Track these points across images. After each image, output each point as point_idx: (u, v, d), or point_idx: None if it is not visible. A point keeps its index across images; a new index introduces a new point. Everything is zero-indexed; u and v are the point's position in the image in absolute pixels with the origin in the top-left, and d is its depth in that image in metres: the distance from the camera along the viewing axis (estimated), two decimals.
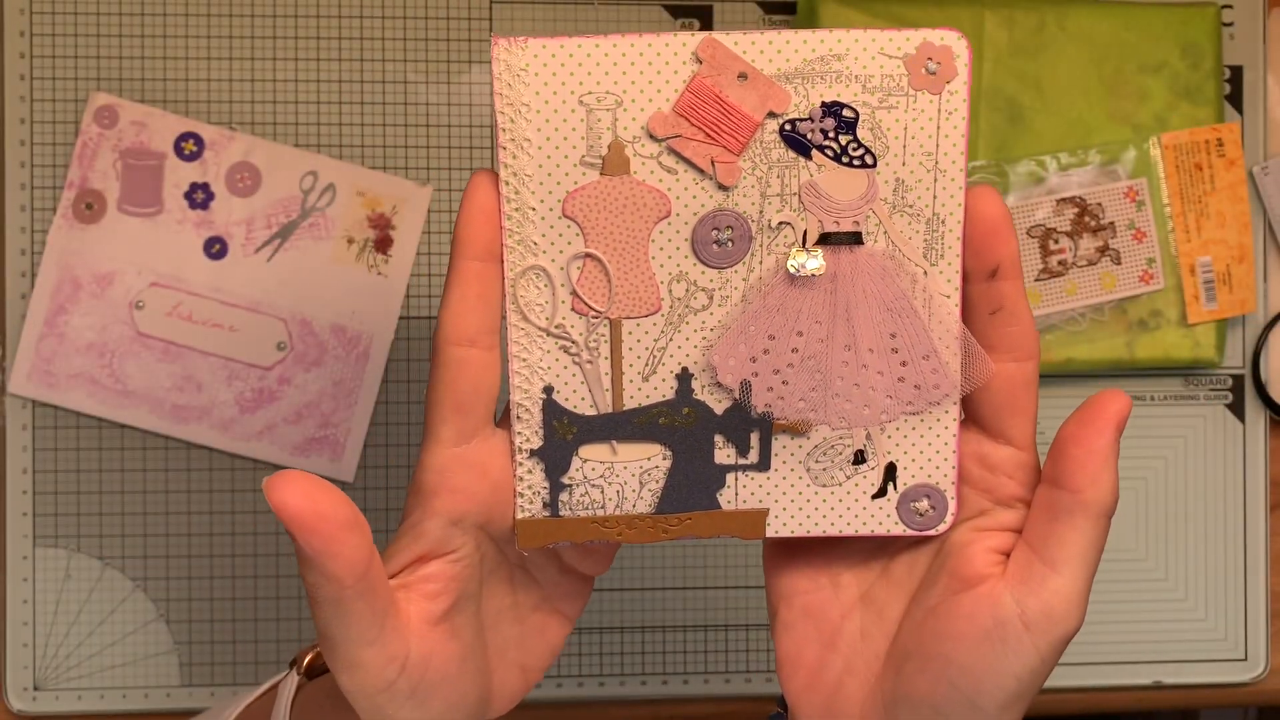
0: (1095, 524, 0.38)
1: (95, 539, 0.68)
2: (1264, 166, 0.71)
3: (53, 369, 0.67)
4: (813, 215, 0.38)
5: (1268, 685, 0.72)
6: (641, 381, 0.40)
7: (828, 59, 0.37)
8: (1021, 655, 0.38)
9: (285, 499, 0.36)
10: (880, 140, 0.38)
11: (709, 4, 0.70)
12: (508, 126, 0.37)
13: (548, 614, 0.44)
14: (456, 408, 0.38)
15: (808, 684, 0.42)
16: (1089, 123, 0.68)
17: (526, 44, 0.37)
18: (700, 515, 0.41)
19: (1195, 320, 0.69)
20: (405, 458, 0.69)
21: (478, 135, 0.69)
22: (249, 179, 0.68)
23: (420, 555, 0.40)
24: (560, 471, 0.40)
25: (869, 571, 0.43)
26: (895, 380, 0.40)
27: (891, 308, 0.39)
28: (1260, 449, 0.72)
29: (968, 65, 0.38)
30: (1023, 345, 0.39)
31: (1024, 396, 0.40)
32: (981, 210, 0.38)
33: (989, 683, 0.39)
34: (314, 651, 0.46)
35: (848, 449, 0.41)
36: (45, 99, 0.68)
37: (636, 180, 0.38)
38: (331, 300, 0.68)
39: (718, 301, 0.39)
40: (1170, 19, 0.69)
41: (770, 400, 0.40)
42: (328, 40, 0.69)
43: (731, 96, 0.38)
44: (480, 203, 0.38)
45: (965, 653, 0.39)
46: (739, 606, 0.71)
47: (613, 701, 0.70)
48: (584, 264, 0.39)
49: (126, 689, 0.68)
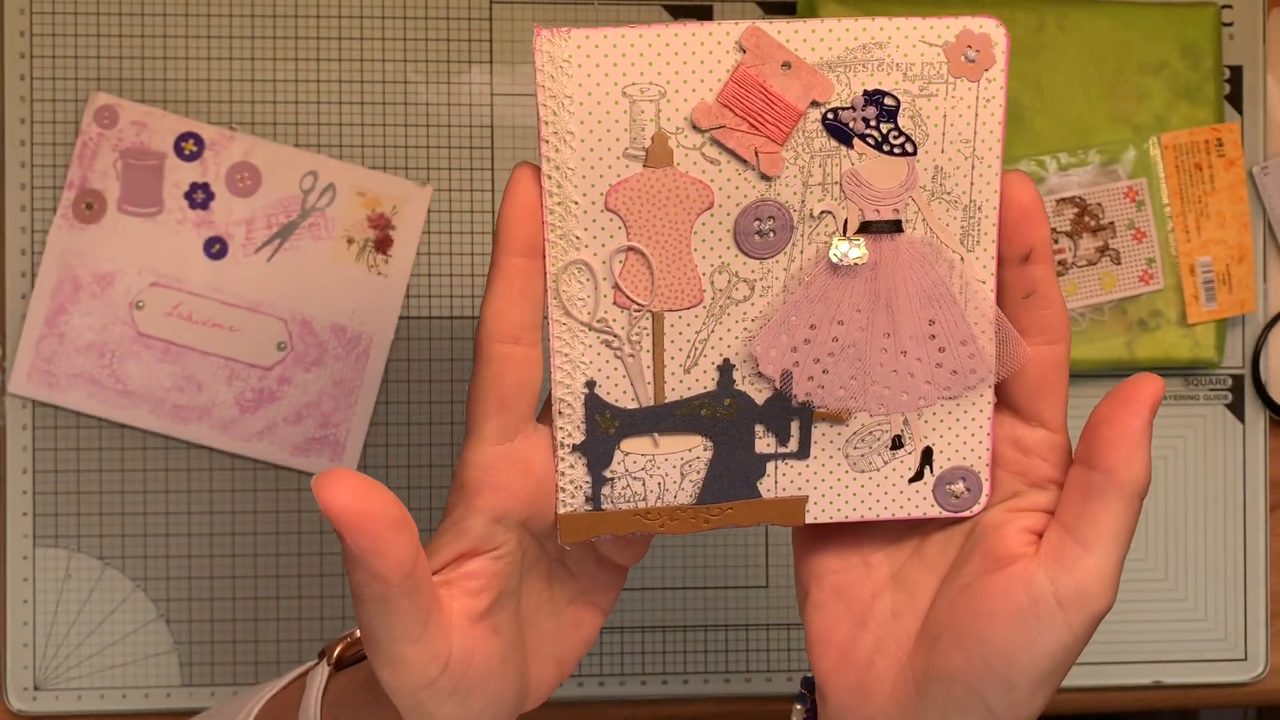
0: (1128, 504, 0.39)
1: (95, 539, 0.68)
2: (1264, 166, 0.71)
3: (53, 369, 0.67)
4: (854, 204, 0.39)
5: (1268, 685, 0.72)
6: (683, 374, 0.40)
7: (869, 47, 0.37)
8: (1056, 633, 0.39)
9: (334, 497, 0.35)
10: (920, 128, 0.38)
11: (709, 4, 0.70)
12: (550, 119, 0.37)
13: (583, 606, 0.44)
14: (500, 404, 0.38)
15: (838, 663, 0.43)
16: (1089, 123, 0.68)
17: (569, 35, 0.37)
18: (741, 505, 0.41)
19: (1195, 320, 0.69)
20: (405, 458, 0.69)
21: (478, 135, 0.69)
22: (249, 179, 0.68)
23: (463, 552, 0.40)
24: (602, 465, 0.40)
25: (900, 551, 0.43)
26: (933, 366, 0.40)
27: (930, 295, 0.39)
28: (1260, 449, 0.72)
29: (1006, 53, 0.38)
30: (1055, 328, 0.40)
31: (1056, 379, 0.40)
32: (1015, 195, 0.39)
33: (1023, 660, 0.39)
34: (343, 643, 0.47)
35: (885, 435, 0.41)
36: (45, 99, 0.68)
37: (679, 172, 0.38)
38: (331, 300, 0.68)
39: (759, 292, 0.39)
40: (1170, 19, 0.69)
41: (811, 389, 0.40)
42: (328, 40, 0.69)
43: (775, 86, 0.37)
44: (523, 198, 0.38)
45: (999, 630, 0.39)
46: (739, 606, 0.71)
47: (613, 701, 0.70)
48: (626, 257, 0.38)
49: (126, 689, 0.68)
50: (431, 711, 0.39)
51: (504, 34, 0.69)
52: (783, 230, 0.39)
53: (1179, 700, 0.73)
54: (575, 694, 0.70)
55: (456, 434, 0.69)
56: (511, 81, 0.70)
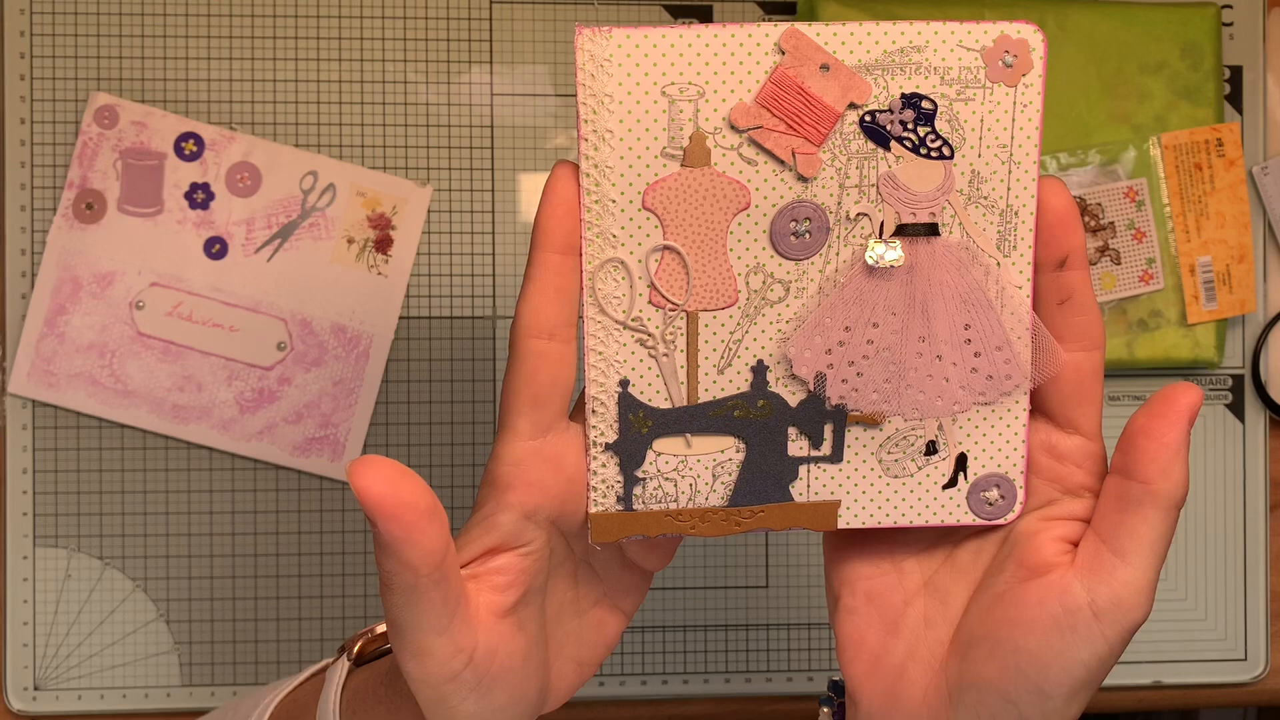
0: (1165, 516, 0.39)
1: (95, 539, 0.68)
2: (1264, 166, 0.71)
3: (53, 369, 0.67)
4: (890, 206, 0.39)
5: (1267, 685, 0.72)
6: (717, 374, 0.40)
7: (907, 50, 0.38)
8: (1091, 644, 0.39)
9: (369, 485, 0.35)
10: (957, 132, 0.38)
11: (709, 4, 0.70)
12: (590, 118, 0.37)
13: (607, 609, 0.44)
14: (534, 400, 0.38)
15: (870, 669, 0.43)
16: (1089, 123, 0.68)
17: (610, 34, 0.37)
18: (773, 508, 0.41)
19: (1195, 320, 0.69)
20: (405, 458, 0.69)
21: (478, 135, 0.69)
22: (249, 179, 0.68)
23: (491, 547, 0.40)
24: (634, 465, 0.40)
25: (933, 558, 0.43)
26: (968, 371, 0.40)
27: (966, 299, 0.39)
28: (1260, 449, 0.72)
29: (1043, 58, 0.38)
30: (1090, 334, 0.40)
31: (1091, 385, 0.40)
32: (1050, 201, 0.39)
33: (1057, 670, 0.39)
34: (364, 639, 0.47)
35: (919, 440, 0.41)
36: (45, 99, 0.68)
37: (717, 172, 0.38)
38: (331, 300, 0.68)
39: (794, 294, 0.39)
40: (1170, 19, 0.69)
41: (845, 392, 0.40)
42: (328, 40, 0.69)
43: (814, 88, 0.38)
44: (562, 195, 0.38)
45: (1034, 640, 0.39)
46: (739, 606, 0.71)
47: (613, 701, 0.70)
48: (662, 256, 0.39)
49: (126, 689, 0.68)
50: (454, 706, 0.39)
51: (504, 34, 0.69)
52: (819, 232, 0.39)
53: (1179, 700, 0.73)
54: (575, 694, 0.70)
55: (457, 434, 0.69)
56: (511, 81, 0.70)
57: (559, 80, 0.70)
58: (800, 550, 0.71)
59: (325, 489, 0.69)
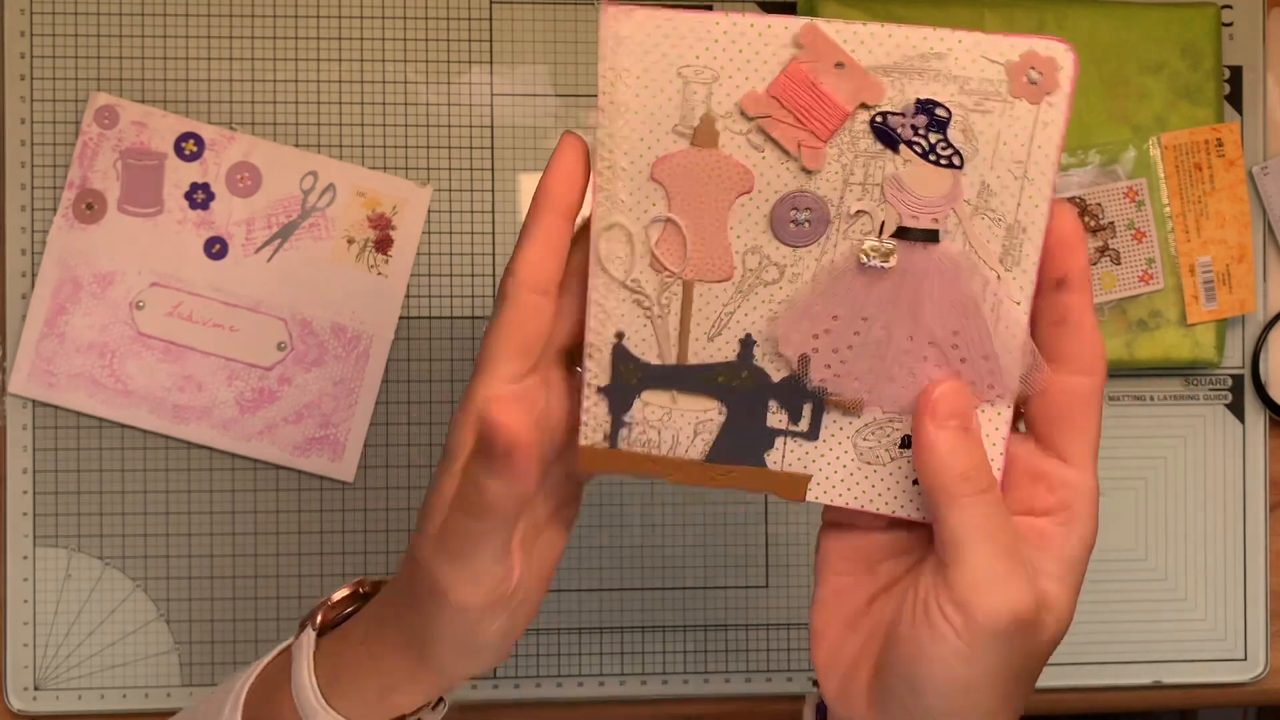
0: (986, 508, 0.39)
1: (95, 539, 0.68)
2: (1264, 166, 0.71)
3: (53, 369, 0.67)
4: (892, 208, 0.39)
5: (1267, 685, 0.72)
6: (706, 341, 0.41)
7: (929, 57, 0.38)
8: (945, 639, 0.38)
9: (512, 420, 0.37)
10: (971, 142, 0.38)
11: (708, 4, 0.70)
12: (607, 90, 0.39)
13: (557, 524, 0.45)
14: (520, 348, 0.41)
15: (829, 660, 0.44)
16: (1089, 123, 0.68)
17: (633, 12, 0.38)
18: (746, 469, 0.42)
19: (1195, 320, 0.69)
20: (405, 458, 0.69)
21: (478, 135, 0.69)
22: (249, 179, 0.68)
23: None
24: (623, 409, 0.42)
25: (901, 563, 0.44)
26: (951, 375, 0.40)
27: (959, 306, 0.40)
28: (1260, 449, 0.72)
29: (1071, 79, 0.38)
30: (1085, 359, 0.39)
31: (1082, 413, 0.40)
32: (1055, 222, 0.39)
33: (922, 669, 0.39)
34: (323, 608, 0.48)
35: (896, 432, 0.42)
36: (45, 99, 0.68)
37: (723, 154, 0.39)
38: (331, 300, 0.68)
39: (788, 278, 0.40)
40: (1170, 19, 0.69)
41: (827, 377, 0.41)
42: (328, 40, 0.69)
43: (826, 85, 0.38)
44: (566, 166, 0.40)
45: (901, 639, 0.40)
46: (739, 606, 0.71)
47: (613, 701, 0.70)
48: (664, 226, 0.40)
49: (126, 689, 0.68)
50: (486, 628, 0.41)
51: (504, 34, 0.69)
52: (818, 223, 0.40)
53: (1179, 700, 0.73)
54: (575, 694, 0.70)
55: None
56: (511, 81, 0.70)
57: (559, 80, 0.70)
58: (800, 550, 0.71)
59: (325, 489, 0.69)
